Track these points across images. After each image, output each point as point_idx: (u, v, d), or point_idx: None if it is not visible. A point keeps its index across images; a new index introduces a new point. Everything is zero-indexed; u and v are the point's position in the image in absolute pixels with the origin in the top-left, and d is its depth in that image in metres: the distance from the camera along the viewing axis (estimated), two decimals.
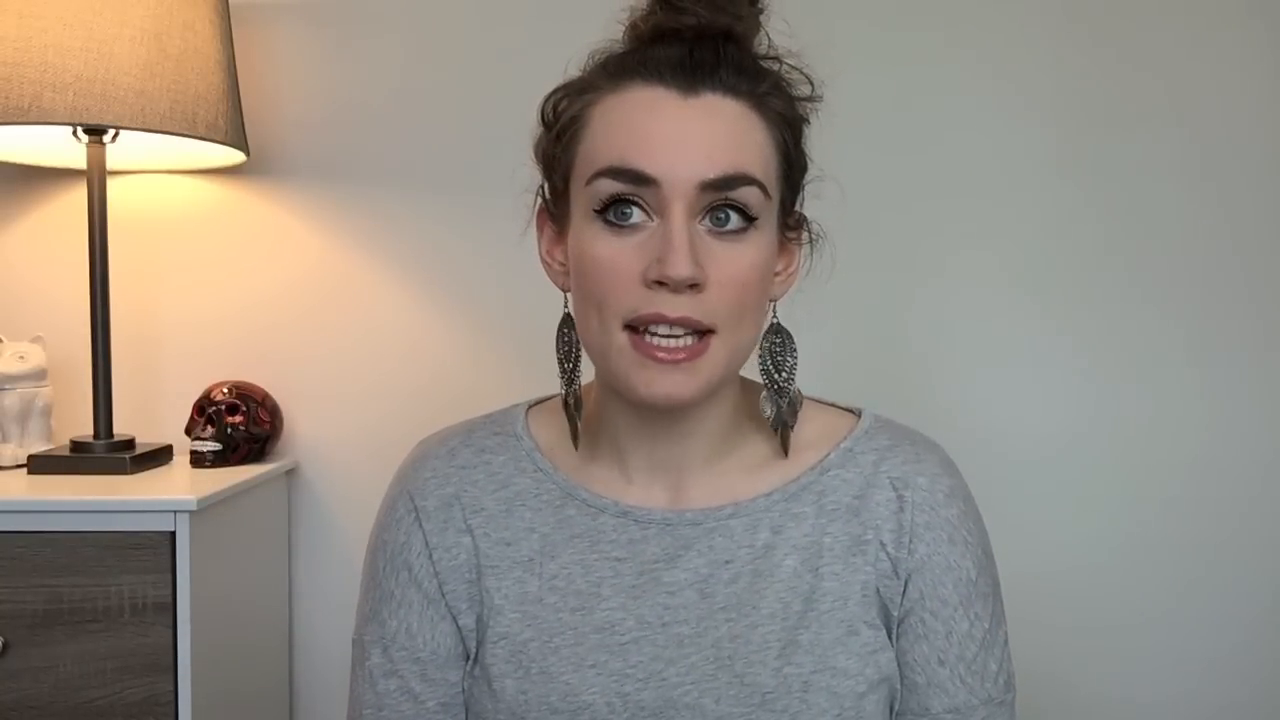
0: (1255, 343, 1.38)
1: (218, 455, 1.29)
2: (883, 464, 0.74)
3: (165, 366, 1.41)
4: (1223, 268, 1.37)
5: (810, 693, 0.69)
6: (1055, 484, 1.39)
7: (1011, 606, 0.78)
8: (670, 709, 0.69)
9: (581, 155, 0.69)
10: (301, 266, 1.41)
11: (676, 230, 0.64)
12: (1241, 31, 1.36)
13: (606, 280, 0.66)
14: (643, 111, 0.67)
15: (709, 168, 0.65)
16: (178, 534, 1.07)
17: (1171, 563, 1.38)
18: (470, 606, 0.75)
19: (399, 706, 0.75)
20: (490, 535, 0.75)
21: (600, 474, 0.76)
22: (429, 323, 1.41)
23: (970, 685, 0.72)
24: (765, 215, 0.68)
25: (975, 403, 1.39)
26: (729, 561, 0.72)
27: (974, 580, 0.73)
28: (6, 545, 1.06)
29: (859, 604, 0.71)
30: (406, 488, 0.78)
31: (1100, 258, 1.38)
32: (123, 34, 1.13)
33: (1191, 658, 1.38)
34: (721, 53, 0.67)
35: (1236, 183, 1.37)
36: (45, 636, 1.07)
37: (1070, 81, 1.37)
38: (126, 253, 1.37)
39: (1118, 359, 1.38)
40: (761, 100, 0.68)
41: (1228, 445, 1.38)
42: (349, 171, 1.40)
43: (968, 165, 1.38)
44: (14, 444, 1.29)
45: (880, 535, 0.72)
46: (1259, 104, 1.36)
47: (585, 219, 0.68)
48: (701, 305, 0.65)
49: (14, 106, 1.11)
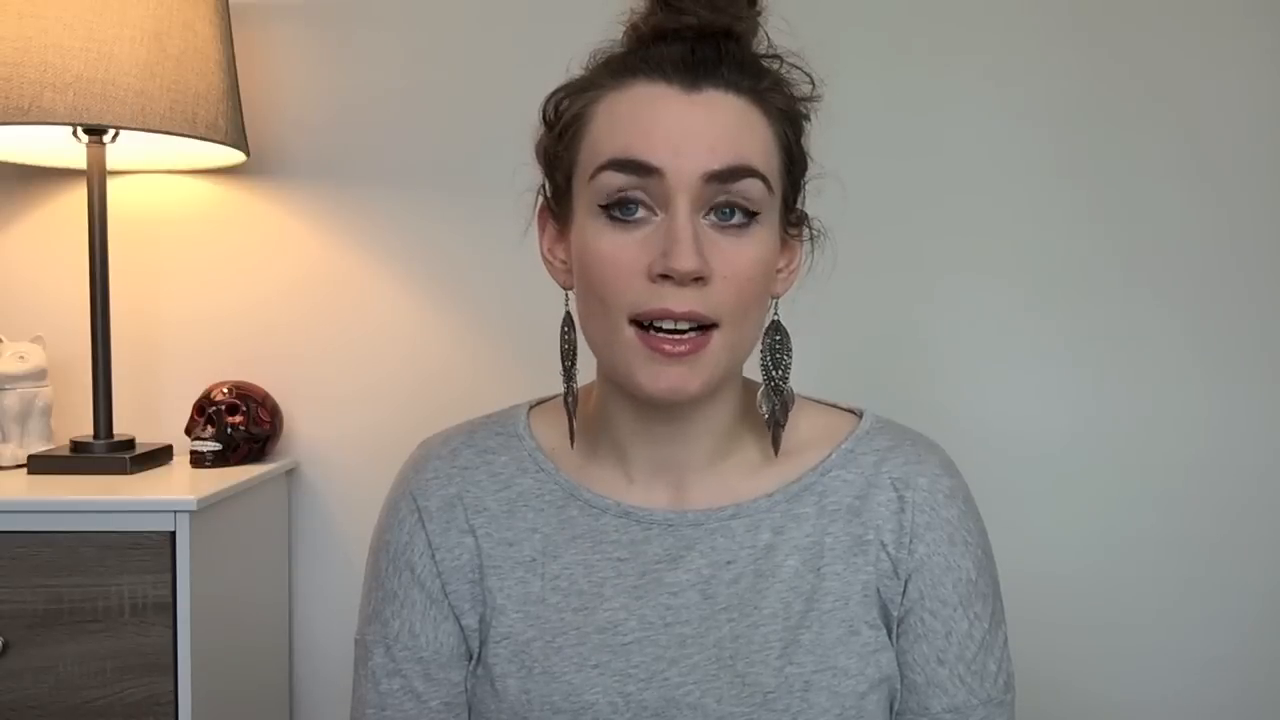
0: (1254, 342, 1.38)
1: (218, 455, 1.29)
2: (884, 464, 0.74)
3: (165, 366, 1.41)
4: (1221, 267, 1.38)
5: (811, 692, 0.69)
6: (1053, 484, 1.39)
7: (1010, 606, 0.78)
8: (672, 709, 0.69)
9: (585, 151, 0.69)
10: (301, 266, 1.41)
11: (681, 223, 0.64)
12: (1239, 31, 1.37)
13: (611, 275, 0.66)
14: (646, 106, 0.67)
15: (713, 159, 0.65)
16: (178, 534, 1.07)
17: (1170, 562, 1.38)
18: (473, 607, 0.75)
19: (402, 706, 0.75)
20: (492, 535, 0.75)
21: (602, 474, 0.76)
22: (429, 323, 1.41)
23: (969, 685, 0.72)
24: (768, 210, 0.68)
25: (974, 402, 1.39)
26: (730, 562, 0.72)
27: (974, 580, 0.73)
28: (6, 545, 1.06)
29: (860, 604, 0.71)
30: (409, 488, 0.78)
31: (1099, 257, 1.38)
32: (123, 34, 1.13)
33: (1190, 657, 1.39)
34: (723, 50, 0.68)
35: (1235, 182, 1.37)
36: (45, 636, 1.07)
37: (1070, 81, 1.37)
38: (126, 253, 1.37)
39: (1116, 358, 1.39)
40: (763, 96, 0.69)
41: (1226, 445, 1.38)
42: (349, 171, 1.40)
43: (967, 165, 1.38)
44: (14, 444, 1.29)
45: (881, 535, 0.73)
46: (1258, 104, 1.37)
47: (589, 215, 0.68)
48: (706, 299, 0.65)
49: (14, 106, 1.11)
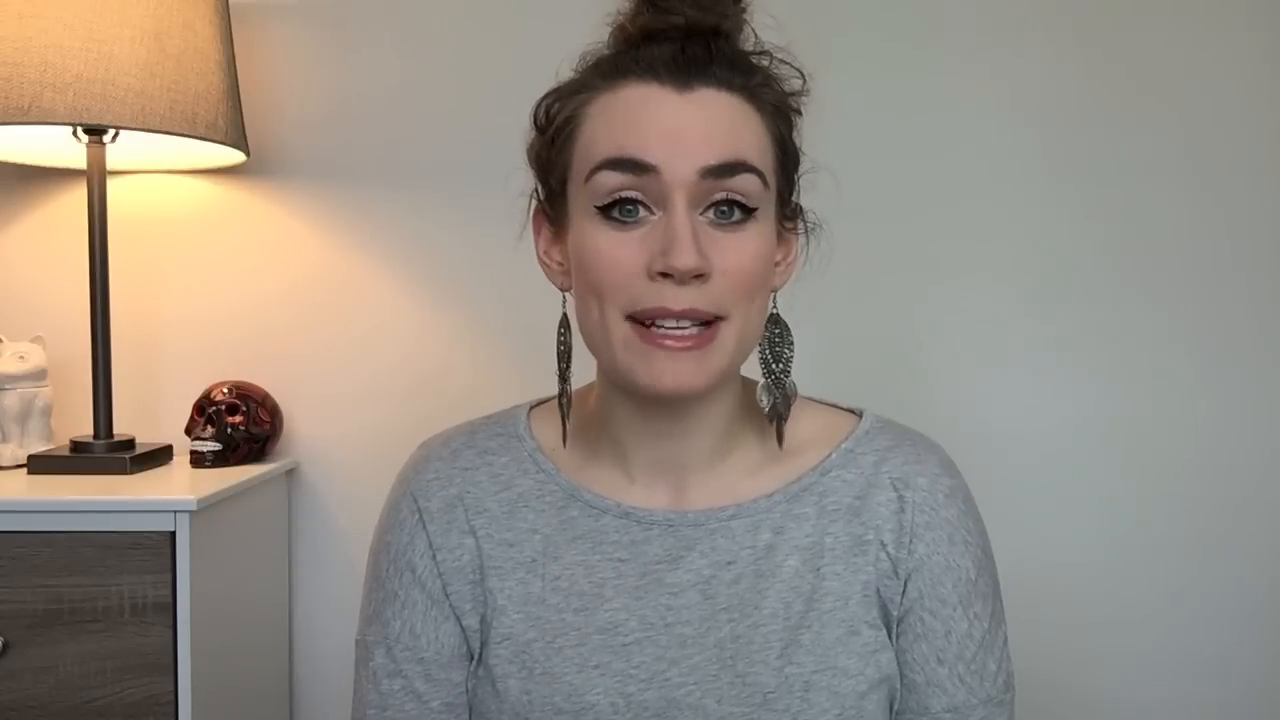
0: (1251, 341, 1.38)
1: (218, 455, 1.29)
2: (884, 464, 0.74)
3: (165, 366, 1.41)
4: (1218, 266, 1.38)
5: (811, 692, 0.69)
6: (1052, 482, 1.39)
7: (1009, 604, 0.78)
8: (673, 709, 0.69)
9: (579, 154, 0.69)
10: (301, 266, 1.41)
11: (679, 221, 0.64)
12: (1232, 31, 1.37)
13: (609, 274, 0.66)
14: (639, 106, 0.67)
15: (709, 154, 0.65)
16: (178, 534, 1.07)
17: (1168, 560, 1.38)
18: (474, 607, 0.75)
19: (403, 707, 0.75)
20: (493, 536, 0.75)
21: (602, 474, 0.76)
22: (429, 322, 1.41)
23: (969, 685, 0.72)
24: (764, 205, 0.68)
25: (971, 401, 1.39)
26: (731, 562, 0.72)
27: (973, 580, 0.73)
28: (6, 545, 1.06)
29: (860, 604, 0.72)
30: (410, 489, 0.78)
31: (1095, 255, 1.38)
32: (123, 34, 1.13)
33: (1188, 655, 1.39)
34: (713, 48, 0.68)
35: (1230, 182, 1.37)
36: (45, 636, 1.07)
37: (1064, 79, 1.37)
38: (126, 253, 1.37)
39: (1113, 357, 1.39)
40: (755, 92, 0.69)
41: (1224, 443, 1.38)
42: (349, 171, 1.40)
43: (962, 164, 1.38)
44: (14, 444, 1.29)
45: (881, 535, 0.73)
46: (1252, 103, 1.37)
47: (585, 216, 0.68)
48: (707, 295, 0.65)
49: (14, 106, 1.11)
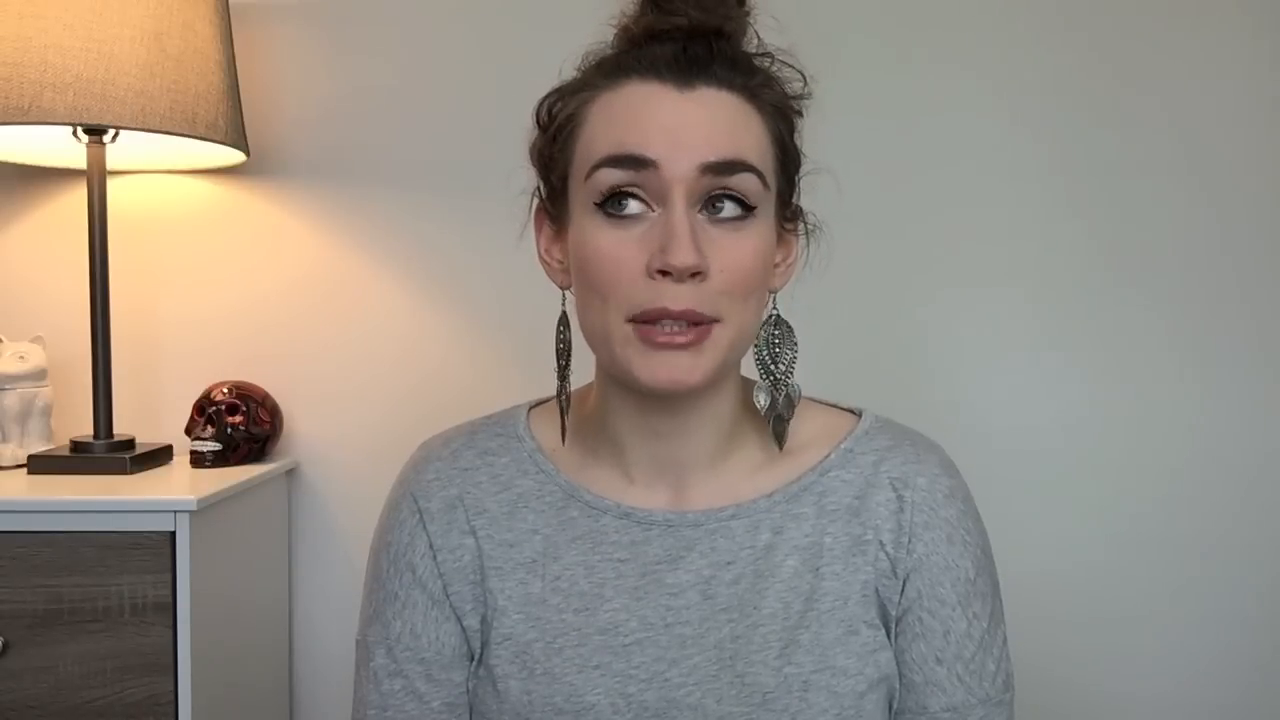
0: (1248, 340, 1.38)
1: (218, 455, 1.29)
2: (883, 464, 0.75)
3: (165, 366, 1.41)
4: (1214, 265, 1.38)
5: (810, 692, 0.69)
6: (1051, 482, 1.39)
7: (1008, 604, 0.78)
8: (673, 709, 0.70)
9: (580, 151, 0.69)
10: (301, 266, 1.41)
11: (678, 218, 0.65)
12: (1227, 31, 1.37)
13: (610, 273, 0.66)
14: (640, 104, 0.67)
15: (709, 151, 0.65)
16: (178, 534, 1.07)
17: (1167, 558, 1.39)
18: (474, 608, 0.75)
19: (403, 707, 0.75)
20: (493, 537, 0.75)
21: (601, 475, 0.76)
22: (428, 322, 1.41)
23: (968, 684, 0.72)
24: (764, 205, 0.68)
25: (970, 401, 1.39)
26: (731, 563, 0.72)
27: (972, 579, 0.74)
28: (6, 545, 1.06)
29: (859, 604, 0.72)
30: (410, 489, 0.78)
31: (1095, 256, 1.38)
32: (123, 34, 1.13)
33: (1186, 654, 1.39)
34: (715, 48, 0.68)
35: (1225, 181, 1.37)
36: (45, 636, 1.07)
37: (1060, 79, 1.37)
38: (126, 253, 1.37)
39: (1112, 357, 1.39)
40: (756, 93, 0.69)
41: (1221, 442, 1.38)
42: (349, 171, 1.40)
43: (963, 167, 1.38)
44: (14, 444, 1.29)
45: (880, 535, 0.73)
46: (1247, 103, 1.37)
47: (585, 213, 0.68)
48: (704, 294, 0.65)
49: (14, 106, 1.11)
